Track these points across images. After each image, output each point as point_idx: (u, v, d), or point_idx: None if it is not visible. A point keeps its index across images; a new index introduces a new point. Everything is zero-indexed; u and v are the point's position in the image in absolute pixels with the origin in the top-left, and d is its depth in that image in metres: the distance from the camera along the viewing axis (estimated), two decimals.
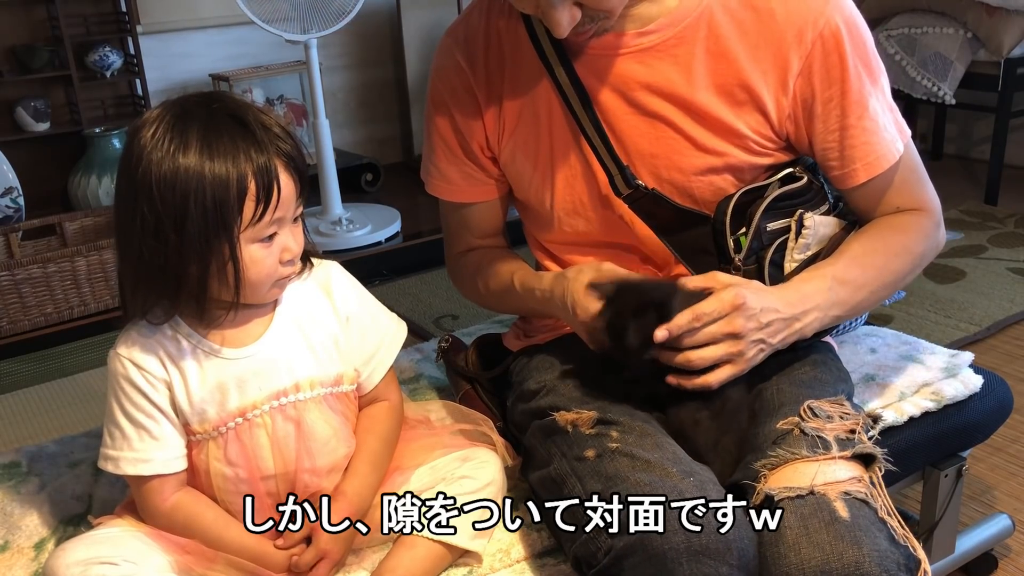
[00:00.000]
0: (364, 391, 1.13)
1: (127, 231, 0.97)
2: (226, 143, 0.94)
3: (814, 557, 0.91)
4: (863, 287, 1.15)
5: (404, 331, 1.17)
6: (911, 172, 1.21)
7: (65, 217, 3.01)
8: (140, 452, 1.02)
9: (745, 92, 1.13)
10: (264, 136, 0.97)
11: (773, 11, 1.12)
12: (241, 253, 0.97)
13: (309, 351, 1.07)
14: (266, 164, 0.95)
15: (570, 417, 1.09)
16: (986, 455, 1.93)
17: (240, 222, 0.95)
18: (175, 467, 1.03)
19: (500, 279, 1.27)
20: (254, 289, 1.01)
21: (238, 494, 1.04)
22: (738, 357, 1.05)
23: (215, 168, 0.93)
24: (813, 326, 1.11)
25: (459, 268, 1.36)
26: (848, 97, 1.13)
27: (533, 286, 1.21)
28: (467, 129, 1.24)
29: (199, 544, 1.02)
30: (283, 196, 0.97)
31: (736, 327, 1.03)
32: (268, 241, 0.99)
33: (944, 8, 3.42)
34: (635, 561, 0.91)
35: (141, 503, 1.05)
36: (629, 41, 1.14)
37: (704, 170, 1.16)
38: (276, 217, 0.98)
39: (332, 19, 3.03)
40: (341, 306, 1.10)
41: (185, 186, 0.93)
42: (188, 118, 0.96)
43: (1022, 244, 3.04)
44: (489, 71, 1.21)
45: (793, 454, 1.00)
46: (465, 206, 1.31)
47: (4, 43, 3.46)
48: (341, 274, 1.13)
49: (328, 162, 3.31)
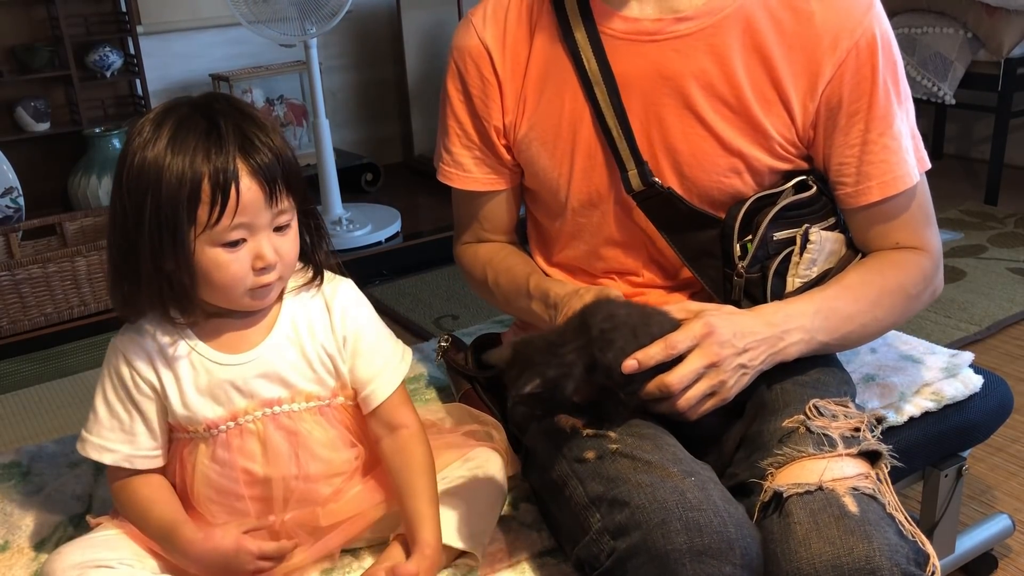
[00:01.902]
0: (366, 410, 1.09)
1: (108, 220, 1.00)
2: (190, 143, 0.94)
3: (825, 551, 0.90)
4: (852, 318, 1.12)
5: (408, 361, 1.12)
6: (919, 208, 1.18)
7: (65, 217, 3.00)
8: (107, 441, 1.02)
9: (775, 92, 1.12)
10: (232, 139, 0.95)
11: (812, 14, 1.10)
12: (200, 256, 0.96)
13: (306, 364, 1.05)
14: (224, 166, 0.94)
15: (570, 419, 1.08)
16: (986, 455, 1.93)
17: (196, 224, 0.94)
18: (137, 464, 1.03)
19: (514, 278, 1.24)
20: (223, 294, 0.99)
21: (221, 496, 1.03)
22: (720, 387, 1.02)
23: (173, 165, 0.93)
24: (797, 347, 1.08)
25: (468, 256, 1.34)
26: (874, 111, 1.12)
27: (548, 291, 1.17)
28: (484, 112, 1.22)
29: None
30: (245, 201, 0.95)
31: (712, 356, 1.00)
32: (234, 247, 0.97)
33: (944, 8, 3.42)
34: (638, 563, 0.91)
35: (109, 485, 1.06)
36: (666, 28, 1.12)
37: (727, 171, 1.15)
38: (240, 222, 0.95)
39: (326, 19, 3.01)
40: (339, 325, 1.07)
41: (147, 180, 0.94)
42: (169, 114, 0.97)
43: (1022, 244, 3.04)
44: (513, 53, 1.19)
45: (800, 452, 1.00)
46: (477, 196, 1.29)
47: (4, 43, 3.46)
48: (348, 292, 1.10)
49: (328, 162, 3.31)
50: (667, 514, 0.90)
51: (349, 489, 1.08)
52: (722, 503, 0.93)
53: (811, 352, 1.11)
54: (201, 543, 0.97)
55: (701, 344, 1.00)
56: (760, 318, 1.06)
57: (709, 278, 1.17)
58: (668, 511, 0.91)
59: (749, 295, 1.15)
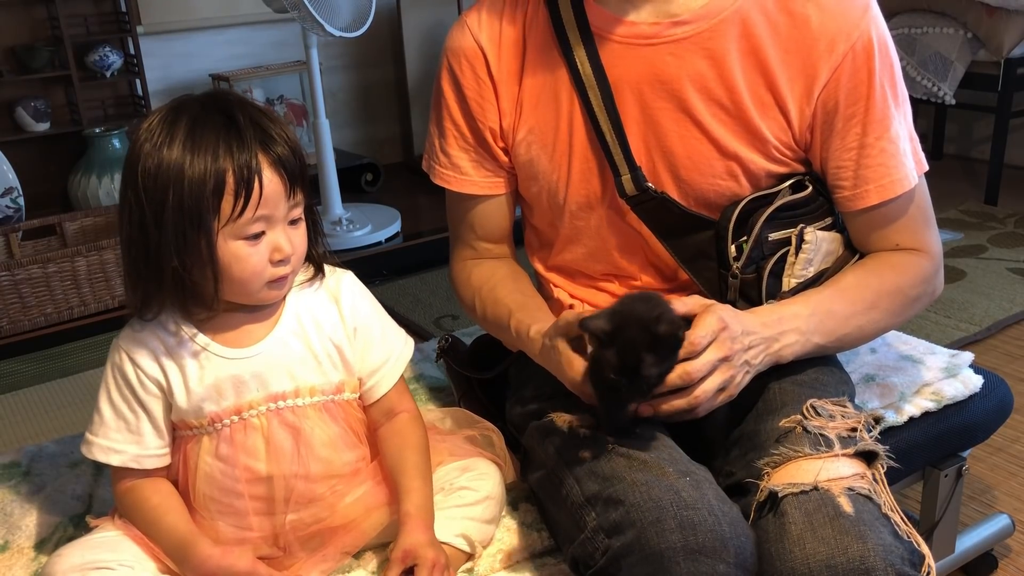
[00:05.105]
0: (368, 401, 1.11)
1: (121, 221, 0.99)
2: (209, 138, 0.95)
3: (819, 551, 0.91)
4: (849, 319, 1.12)
5: (411, 348, 1.15)
6: (918, 210, 1.18)
7: (65, 217, 3.01)
8: (114, 442, 1.02)
9: (772, 96, 1.12)
10: (252, 133, 0.96)
11: (808, 17, 1.10)
12: (222, 249, 0.97)
13: (312, 358, 1.06)
14: (247, 160, 0.95)
15: (567, 418, 1.08)
16: (986, 455, 1.93)
17: (219, 218, 0.95)
18: (146, 464, 1.03)
19: (498, 313, 1.22)
20: (242, 287, 1.00)
21: (222, 495, 1.03)
22: (730, 383, 1.01)
23: (195, 162, 0.94)
24: (793, 349, 1.08)
25: (461, 279, 1.32)
26: (871, 115, 1.12)
27: (526, 336, 1.14)
28: (480, 114, 1.21)
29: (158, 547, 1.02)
30: (267, 194, 0.97)
31: (725, 350, 0.99)
32: (255, 239, 0.98)
33: (944, 8, 3.42)
34: (632, 561, 0.91)
35: (112, 486, 1.06)
36: (662, 31, 1.12)
37: (723, 174, 1.14)
38: (261, 215, 0.97)
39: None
40: (349, 316, 1.09)
41: (166, 179, 0.94)
42: (181, 112, 0.97)
43: (1022, 244, 3.04)
44: (508, 55, 1.19)
45: (796, 451, 1.00)
46: (472, 200, 1.27)
47: (4, 43, 3.46)
48: (353, 284, 1.12)
49: (328, 162, 3.31)
50: (661, 512, 0.91)
51: (351, 492, 1.08)
52: (716, 502, 0.94)
53: (807, 354, 1.10)
54: (218, 559, 0.98)
55: (717, 338, 0.99)
56: (757, 319, 1.06)
57: (705, 279, 1.17)
58: (663, 510, 0.91)
59: (745, 296, 1.15)
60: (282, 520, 1.04)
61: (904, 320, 1.19)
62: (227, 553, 0.98)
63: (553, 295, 1.29)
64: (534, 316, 1.17)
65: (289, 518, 1.05)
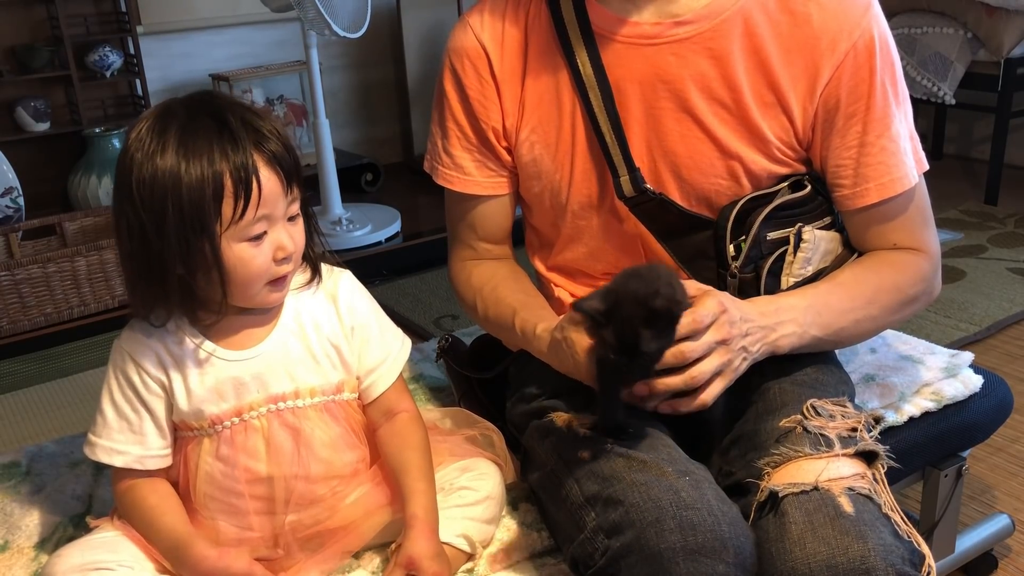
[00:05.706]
0: (366, 400, 1.11)
1: (119, 235, 0.98)
2: (202, 142, 0.94)
3: (819, 552, 0.91)
4: (846, 313, 1.12)
5: (408, 348, 1.15)
6: (917, 210, 1.18)
7: (65, 217, 3.00)
8: (117, 443, 1.02)
9: (774, 96, 1.12)
10: (244, 134, 0.95)
11: (810, 16, 1.10)
12: (226, 253, 0.96)
13: (311, 358, 1.06)
14: (243, 161, 0.94)
15: (566, 417, 1.09)
16: (986, 455, 1.93)
17: (220, 221, 0.95)
18: (148, 464, 1.03)
19: (500, 313, 1.22)
20: (245, 289, 1.00)
21: (223, 495, 1.03)
22: (727, 367, 1.01)
23: (191, 168, 0.93)
24: (790, 340, 1.08)
25: (461, 279, 1.32)
26: (872, 113, 1.12)
27: (532, 334, 1.14)
28: (483, 114, 1.21)
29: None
30: (266, 193, 0.96)
31: (724, 333, 0.99)
32: (257, 240, 0.98)
33: (944, 8, 3.42)
34: (632, 561, 0.91)
35: (112, 487, 1.06)
36: (664, 31, 1.12)
37: (725, 173, 1.14)
38: (262, 215, 0.97)
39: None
40: (346, 315, 1.09)
41: (162, 188, 0.93)
42: (169, 118, 0.96)
43: (1022, 244, 3.04)
44: (510, 55, 1.19)
45: (796, 452, 1.00)
46: (474, 200, 1.27)
47: (4, 43, 3.46)
48: (350, 283, 1.11)
49: (328, 162, 3.31)
50: (661, 513, 0.91)
51: (351, 493, 1.08)
52: (716, 502, 0.93)
53: (804, 346, 1.10)
54: (214, 560, 0.98)
55: (716, 320, 0.99)
56: (755, 308, 1.06)
57: (704, 279, 1.16)
58: (662, 510, 0.91)
59: (744, 295, 1.14)
60: (282, 521, 1.05)
61: (901, 319, 1.19)
62: (224, 554, 0.98)
63: (554, 295, 1.29)
64: (539, 315, 1.17)
65: (289, 519, 1.05)
